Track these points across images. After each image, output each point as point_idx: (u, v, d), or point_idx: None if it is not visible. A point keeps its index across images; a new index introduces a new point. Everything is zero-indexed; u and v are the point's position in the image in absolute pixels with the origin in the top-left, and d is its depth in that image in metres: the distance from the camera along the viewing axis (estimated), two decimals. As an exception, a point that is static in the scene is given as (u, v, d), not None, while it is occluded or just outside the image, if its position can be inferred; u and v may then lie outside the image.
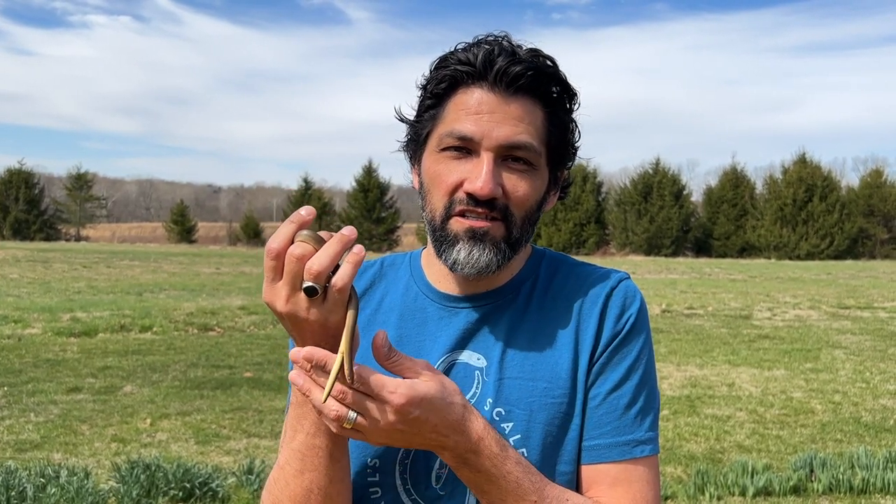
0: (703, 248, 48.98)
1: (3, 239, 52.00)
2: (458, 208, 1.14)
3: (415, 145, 1.22)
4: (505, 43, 1.15)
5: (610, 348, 1.19)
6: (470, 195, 1.13)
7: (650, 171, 49.63)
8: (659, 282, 23.61)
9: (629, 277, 1.26)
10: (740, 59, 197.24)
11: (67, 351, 9.66)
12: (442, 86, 1.16)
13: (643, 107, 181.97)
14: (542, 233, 48.87)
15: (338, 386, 0.97)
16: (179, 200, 67.90)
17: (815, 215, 45.92)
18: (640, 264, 35.73)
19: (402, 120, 1.24)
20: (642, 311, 1.22)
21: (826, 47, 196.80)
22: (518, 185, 1.14)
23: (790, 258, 44.80)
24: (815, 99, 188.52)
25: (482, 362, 1.19)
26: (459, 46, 1.17)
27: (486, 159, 1.12)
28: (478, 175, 1.12)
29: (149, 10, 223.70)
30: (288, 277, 0.97)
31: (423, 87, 1.20)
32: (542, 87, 1.15)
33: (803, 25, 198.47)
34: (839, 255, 45.01)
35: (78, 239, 59.43)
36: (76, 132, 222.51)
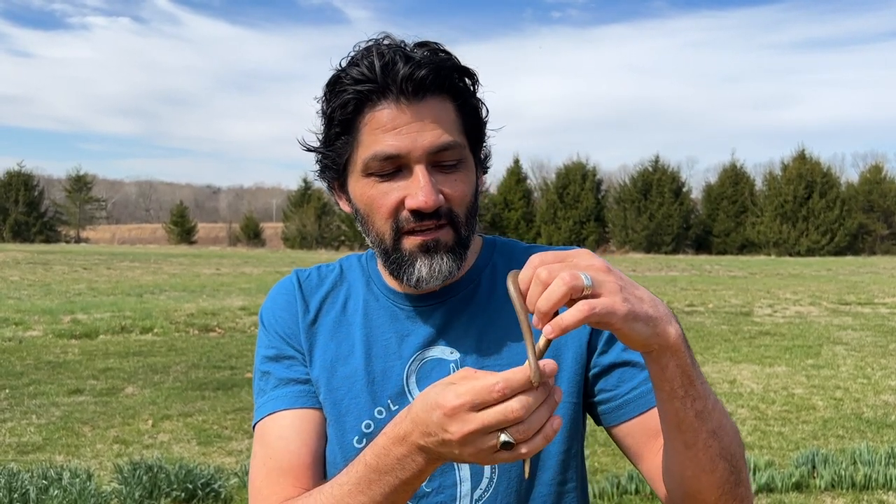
0: (703, 245, 48.97)
1: (3, 241, 51.98)
2: (407, 227, 1.13)
3: (334, 174, 1.19)
4: (391, 45, 1.11)
5: None
6: (415, 211, 1.11)
7: (649, 168, 49.59)
8: (659, 279, 23.60)
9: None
10: (739, 55, 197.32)
11: (68, 353, 9.66)
12: (348, 110, 1.12)
13: (642, 104, 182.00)
14: (542, 231, 48.85)
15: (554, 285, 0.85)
16: (179, 201, 67.93)
17: (815, 212, 45.90)
18: (640, 262, 35.70)
19: (309, 150, 1.20)
20: None
21: (825, 43, 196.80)
22: (456, 186, 1.13)
23: (790, 254, 44.77)
24: (814, 95, 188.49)
25: (455, 355, 1.19)
26: (344, 62, 1.13)
27: (419, 172, 1.10)
28: (417, 189, 1.10)
29: (148, 12, 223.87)
30: (496, 417, 0.86)
31: (327, 115, 1.15)
32: (446, 80, 1.13)
33: (802, 21, 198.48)
34: (839, 252, 44.98)
35: (78, 241, 59.41)
36: (75, 134, 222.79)
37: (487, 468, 1.17)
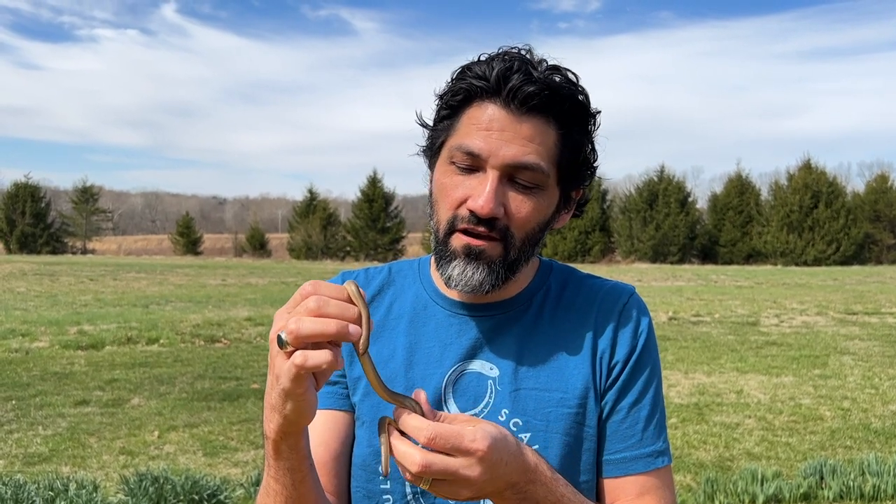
0: (709, 254, 48.87)
1: (10, 252, 52.16)
2: (461, 225, 1.14)
3: (430, 152, 1.23)
4: (525, 58, 1.13)
5: (630, 363, 1.20)
6: (472, 212, 1.12)
7: (655, 178, 49.58)
8: (665, 289, 23.55)
9: (636, 291, 1.27)
10: (746, 65, 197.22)
11: (75, 364, 9.67)
12: (457, 98, 1.16)
13: (648, 114, 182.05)
14: (547, 241, 48.58)
15: (411, 452, 0.92)
16: (185, 212, 68.04)
17: (820, 221, 45.81)
18: (646, 272, 35.64)
19: (422, 125, 1.24)
20: (651, 324, 1.25)
21: (832, 53, 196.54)
22: (522, 207, 1.13)
23: (797, 264, 44.66)
24: (821, 104, 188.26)
25: (495, 372, 1.19)
26: (482, 57, 1.16)
27: (490, 177, 1.11)
28: (481, 193, 1.11)
29: (156, 24, 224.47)
30: (293, 312, 0.91)
31: (441, 97, 1.19)
32: (557, 106, 1.13)
33: (809, 31, 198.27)
34: (846, 261, 44.85)
35: (84, 252, 59.55)
36: (82, 145, 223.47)
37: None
